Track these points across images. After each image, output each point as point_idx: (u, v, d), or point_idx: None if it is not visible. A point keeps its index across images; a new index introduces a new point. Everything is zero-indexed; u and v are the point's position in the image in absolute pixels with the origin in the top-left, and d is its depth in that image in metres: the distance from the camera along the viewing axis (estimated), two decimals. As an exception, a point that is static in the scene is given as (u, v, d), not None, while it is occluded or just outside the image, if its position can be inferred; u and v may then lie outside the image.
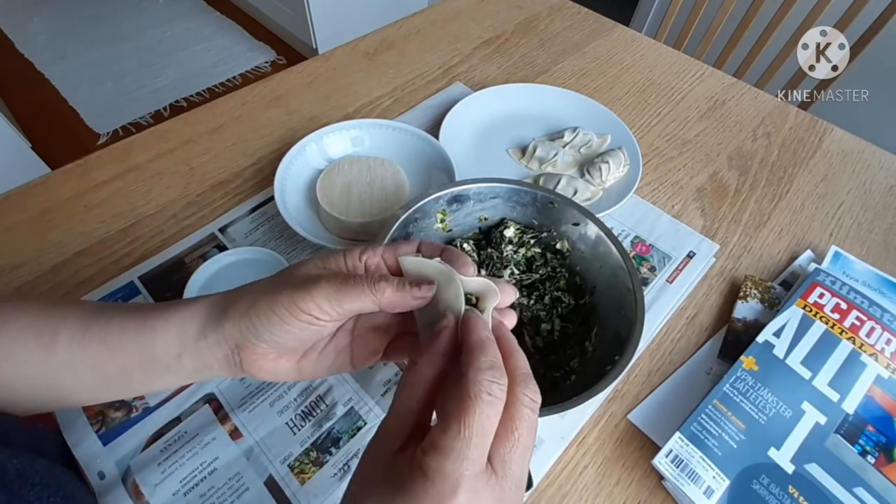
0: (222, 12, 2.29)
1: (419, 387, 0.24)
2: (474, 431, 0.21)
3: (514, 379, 0.24)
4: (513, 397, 0.23)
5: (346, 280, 0.26)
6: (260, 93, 0.69)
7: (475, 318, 0.26)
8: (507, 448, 0.22)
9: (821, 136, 0.68)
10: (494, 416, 0.22)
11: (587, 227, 0.44)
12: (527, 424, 0.23)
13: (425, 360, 0.25)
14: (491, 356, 0.23)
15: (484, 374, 0.22)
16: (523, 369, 0.25)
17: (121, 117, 1.82)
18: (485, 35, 0.81)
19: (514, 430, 0.22)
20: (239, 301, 0.28)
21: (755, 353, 0.43)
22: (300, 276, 0.28)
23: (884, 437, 0.39)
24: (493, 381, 0.22)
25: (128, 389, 0.32)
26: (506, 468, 0.22)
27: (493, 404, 0.22)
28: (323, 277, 0.27)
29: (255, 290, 0.28)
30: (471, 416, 0.21)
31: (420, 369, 0.24)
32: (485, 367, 0.23)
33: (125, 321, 0.30)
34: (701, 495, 0.36)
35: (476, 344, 0.24)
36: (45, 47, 2.07)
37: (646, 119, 0.69)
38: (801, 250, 0.55)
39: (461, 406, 0.21)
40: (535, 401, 0.23)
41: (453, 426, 0.21)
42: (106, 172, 0.58)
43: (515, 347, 0.26)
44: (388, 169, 0.56)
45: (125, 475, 0.37)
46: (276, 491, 0.37)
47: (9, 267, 0.49)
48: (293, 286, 0.26)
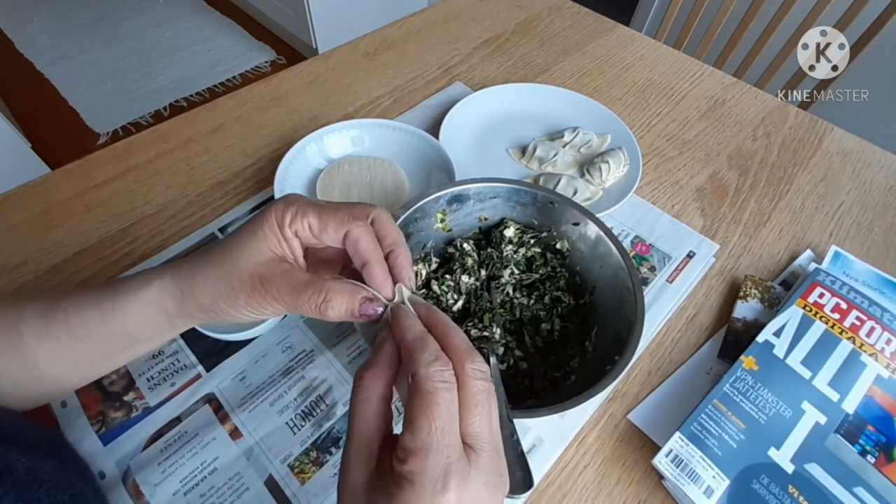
0: (222, 12, 2.29)
1: (372, 403, 0.24)
2: (444, 419, 0.22)
3: (458, 357, 0.24)
4: (463, 375, 0.24)
5: (300, 293, 0.28)
6: (260, 93, 0.69)
7: (403, 315, 0.27)
8: (475, 420, 0.23)
9: (821, 135, 0.68)
10: (454, 399, 0.23)
11: (587, 226, 0.44)
12: (483, 394, 0.24)
13: (370, 374, 0.25)
14: (432, 348, 0.24)
15: (432, 367, 0.23)
16: (463, 344, 0.25)
17: (121, 117, 1.82)
18: (485, 35, 0.81)
19: (474, 404, 0.23)
20: (199, 296, 0.30)
21: (755, 352, 0.43)
22: (251, 273, 0.29)
23: (884, 437, 0.39)
24: (442, 370, 0.23)
25: (115, 364, 0.35)
26: (478, 440, 0.23)
27: (449, 389, 0.23)
28: (275, 281, 0.28)
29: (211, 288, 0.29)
30: (436, 409, 0.22)
31: (367, 384, 0.25)
32: (430, 360, 0.23)
33: (83, 311, 0.31)
34: (701, 495, 0.36)
35: (414, 342, 0.25)
36: (45, 47, 2.07)
37: (646, 119, 0.69)
38: (801, 250, 0.55)
39: (423, 403, 0.22)
40: (483, 370, 0.24)
41: (423, 425, 0.22)
42: (106, 172, 0.58)
43: (449, 325, 0.27)
44: (388, 169, 0.56)
45: (125, 475, 0.37)
46: (276, 491, 0.37)
47: (9, 267, 0.49)
48: (251, 288, 0.28)
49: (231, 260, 0.29)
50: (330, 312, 0.28)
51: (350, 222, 0.29)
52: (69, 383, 0.35)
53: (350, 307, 0.28)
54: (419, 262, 0.45)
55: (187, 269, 0.30)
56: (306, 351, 0.44)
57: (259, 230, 0.29)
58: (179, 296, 0.30)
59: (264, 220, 0.29)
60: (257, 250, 0.29)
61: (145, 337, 0.32)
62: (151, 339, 0.33)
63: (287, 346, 0.45)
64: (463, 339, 0.26)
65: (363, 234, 0.29)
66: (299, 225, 0.29)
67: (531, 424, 0.41)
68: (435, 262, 0.46)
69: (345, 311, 0.28)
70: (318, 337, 0.45)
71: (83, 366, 0.33)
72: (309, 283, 0.28)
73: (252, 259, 0.29)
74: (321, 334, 0.46)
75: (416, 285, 0.45)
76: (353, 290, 0.28)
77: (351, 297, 0.28)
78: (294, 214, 0.29)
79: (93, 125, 1.79)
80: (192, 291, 0.29)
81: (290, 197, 0.30)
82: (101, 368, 0.34)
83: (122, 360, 0.34)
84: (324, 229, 0.29)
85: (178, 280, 0.30)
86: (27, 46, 2.06)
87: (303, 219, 0.29)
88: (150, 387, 0.42)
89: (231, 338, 0.43)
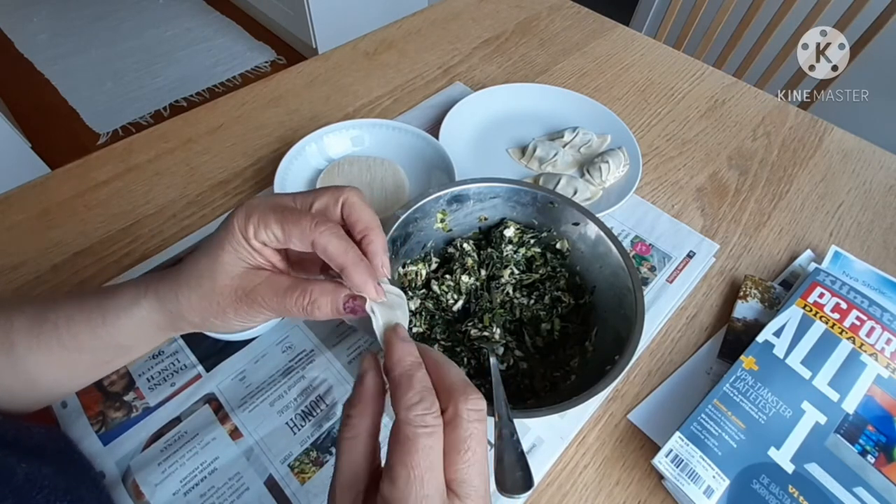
0: (222, 12, 2.29)
1: (359, 440, 0.24)
2: (423, 468, 0.21)
3: (452, 395, 0.23)
4: (457, 417, 0.22)
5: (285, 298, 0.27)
6: (260, 93, 0.69)
7: (394, 347, 0.25)
8: (463, 467, 0.22)
9: (821, 135, 0.68)
10: (437, 445, 0.22)
11: (587, 226, 0.44)
12: (476, 438, 0.22)
13: (357, 412, 0.24)
14: (418, 387, 0.23)
15: (414, 411, 0.22)
16: (458, 381, 0.24)
17: (121, 117, 1.82)
18: (485, 35, 0.81)
19: (464, 449, 0.22)
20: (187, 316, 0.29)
21: (755, 352, 0.43)
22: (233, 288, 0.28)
23: (884, 437, 0.39)
24: (425, 414, 0.22)
25: (111, 369, 0.35)
26: (465, 486, 0.22)
27: (431, 434, 0.21)
28: (259, 290, 0.28)
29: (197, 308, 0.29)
30: (414, 456, 0.21)
31: (354, 423, 0.24)
32: (413, 401, 0.22)
33: (73, 324, 0.31)
34: (701, 495, 0.36)
35: (399, 378, 0.23)
36: (45, 47, 2.07)
37: (646, 119, 0.69)
38: (801, 250, 0.55)
39: (402, 449, 0.21)
40: (478, 410, 0.23)
41: (401, 473, 0.21)
42: (106, 172, 0.58)
43: (442, 359, 0.25)
44: (388, 169, 0.56)
45: (125, 475, 0.37)
46: (276, 491, 0.37)
47: (9, 267, 0.49)
48: (236, 302, 0.28)
49: (208, 279, 0.28)
50: (317, 313, 0.27)
51: (313, 230, 0.26)
52: (65, 389, 0.35)
53: (335, 305, 0.27)
54: (419, 262, 0.45)
55: (171, 293, 0.29)
56: (306, 351, 0.44)
57: (227, 245, 0.27)
58: (169, 315, 0.30)
59: (229, 235, 0.27)
60: (231, 265, 0.28)
61: (139, 346, 0.32)
62: (146, 346, 0.33)
63: (287, 346, 0.45)
64: (458, 373, 0.24)
65: (329, 239, 0.26)
66: (264, 236, 0.27)
67: (531, 424, 0.41)
68: (435, 262, 0.46)
69: (331, 310, 0.27)
70: (318, 337, 0.45)
71: (78, 373, 0.33)
72: (293, 286, 0.27)
73: (228, 274, 0.28)
74: (321, 334, 0.46)
75: (416, 285, 0.45)
76: (336, 290, 0.27)
77: (334, 296, 0.27)
78: (256, 226, 0.27)
79: (93, 125, 1.79)
80: (179, 312, 0.29)
81: (251, 204, 0.28)
82: (96, 374, 0.34)
83: (117, 365, 0.34)
84: (288, 240, 0.27)
85: (165, 301, 0.30)
86: (27, 46, 2.06)
87: (266, 230, 0.27)
88: (150, 387, 0.42)
89: (231, 338, 0.43)
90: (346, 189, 0.29)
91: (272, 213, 0.27)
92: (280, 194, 0.29)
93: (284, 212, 0.27)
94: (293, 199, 0.29)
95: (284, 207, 0.27)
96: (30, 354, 0.31)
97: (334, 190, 0.29)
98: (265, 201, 0.28)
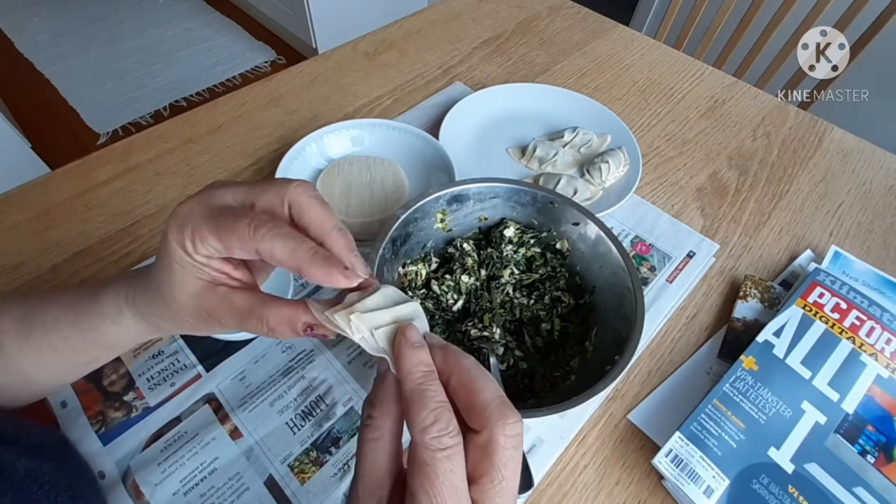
0: (222, 12, 2.29)
1: (383, 441, 0.22)
2: (446, 495, 0.19)
3: (487, 417, 0.20)
4: (492, 443, 0.20)
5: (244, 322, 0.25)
6: (260, 93, 0.69)
7: (404, 354, 0.22)
8: (497, 500, 0.20)
9: (821, 135, 0.68)
10: (458, 465, 0.20)
11: (587, 226, 0.44)
12: (512, 466, 0.20)
13: (379, 412, 0.22)
14: (431, 405, 0.20)
15: (429, 434, 0.20)
16: (494, 399, 0.21)
17: (121, 117, 1.82)
18: (485, 35, 0.81)
19: (499, 479, 0.20)
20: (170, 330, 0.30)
21: (755, 352, 0.43)
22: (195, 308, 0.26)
23: (883, 437, 0.39)
24: (442, 436, 0.20)
25: (105, 360, 0.34)
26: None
27: (451, 457, 0.20)
28: (218, 311, 0.25)
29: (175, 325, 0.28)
30: (435, 483, 0.19)
31: (378, 423, 0.22)
32: (427, 423, 0.20)
33: (61, 326, 0.30)
34: (701, 495, 0.36)
35: (410, 395, 0.21)
36: (45, 47, 2.07)
37: (646, 119, 0.69)
38: (801, 250, 0.55)
39: (422, 475, 0.19)
40: (517, 436, 0.20)
41: (423, 500, 0.19)
42: (106, 172, 0.58)
43: (475, 372, 0.22)
44: (388, 169, 0.56)
45: (125, 475, 0.37)
46: (276, 491, 0.37)
47: (9, 267, 0.49)
48: (204, 321, 0.26)
49: (170, 300, 0.26)
50: (280, 337, 0.25)
51: (252, 237, 0.22)
52: (61, 382, 0.36)
53: (295, 332, 0.24)
54: (419, 262, 0.45)
55: (147, 310, 0.28)
56: (306, 351, 0.44)
57: (173, 263, 0.24)
58: (155, 325, 0.29)
59: (171, 252, 0.24)
60: (186, 283, 0.25)
61: (132, 344, 0.32)
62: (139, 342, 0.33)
63: (287, 346, 0.45)
64: (494, 390, 0.21)
65: (273, 243, 0.22)
66: (204, 250, 0.23)
67: (531, 424, 0.41)
68: (435, 262, 0.46)
69: (292, 336, 0.25)
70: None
71: (72, 368, 0.34)
72: (249, 311, 0.25)
73: (185, 293, 0.25)
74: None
75: (416, 285, 0.45)
76: (293, 315, 0.24)
77: (291, 324, 0.24)
78: (192, 239, 0.23)
79: (93, 125, 1.79)
80: (161, 327, 0.29)
81: (181, 213, 0.24)
82: (90, 367, 0.34)
83: (111, 356, 0.34)
84: (229, 250, 0.23)
85: (146, 316, 0.29)
86: (27, 46, 2.06)
87: (203, 242, 0.23)
88: (150, 387, 0.42)
89: (231, 338, 0.43)
90: (292, 185, 0.24)
91: (205, 223, 0.23)
92: (217, 190, 0.25)
93: (220, 218, 0.23)
94: (232, 196, 0.25)
95: (220, 212, 0.23)
96: (21, 355, 0.31)
97: (279, 186, 0.24)
98: (197, 207, 0.24)
